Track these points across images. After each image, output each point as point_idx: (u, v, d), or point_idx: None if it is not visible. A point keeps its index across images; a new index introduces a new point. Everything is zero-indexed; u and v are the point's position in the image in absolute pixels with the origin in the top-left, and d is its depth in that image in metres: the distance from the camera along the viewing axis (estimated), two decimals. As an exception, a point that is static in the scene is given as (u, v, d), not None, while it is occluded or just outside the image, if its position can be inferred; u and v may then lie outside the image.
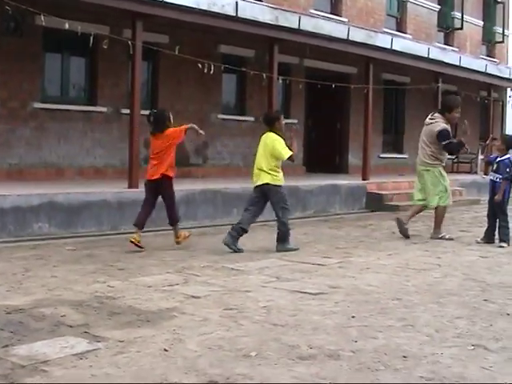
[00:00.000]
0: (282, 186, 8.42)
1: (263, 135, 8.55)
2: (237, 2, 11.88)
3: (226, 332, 4.68)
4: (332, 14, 17.72)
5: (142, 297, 5.66)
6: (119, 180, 11.40)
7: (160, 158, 8.23)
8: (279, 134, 8.40)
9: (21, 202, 8.97)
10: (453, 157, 19.25)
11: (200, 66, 11.35)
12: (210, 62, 11.36)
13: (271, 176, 8.29)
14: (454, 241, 9.61)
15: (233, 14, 11.83)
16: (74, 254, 7.86)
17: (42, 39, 11.96)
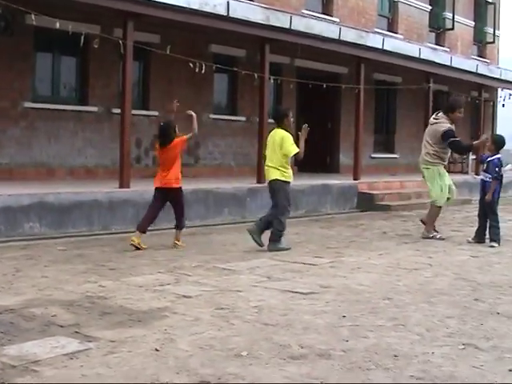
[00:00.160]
0: (289, 183, 8.56)
1: (271, 131, 8.71)
2: (228, 2, 11.86)
3: (218, 332, 4.68)
4: (323, 13, 17.76)
5: (134, 297, 5.65)
6: (110, 180, 11.39)
7: (168, 167, 8.50)
8: (288, 130, 8.53)
9: (11, 201, 8.93)
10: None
11: (191, 65, 11.34)
12: (201, 61, 11.35)
13: (280, 172, 8.43)
14: (445, 240, 9.64)
15: (224, 13, 11.81)
16: (64, 254, 7.83)
17: (33, 38, 11.91)
